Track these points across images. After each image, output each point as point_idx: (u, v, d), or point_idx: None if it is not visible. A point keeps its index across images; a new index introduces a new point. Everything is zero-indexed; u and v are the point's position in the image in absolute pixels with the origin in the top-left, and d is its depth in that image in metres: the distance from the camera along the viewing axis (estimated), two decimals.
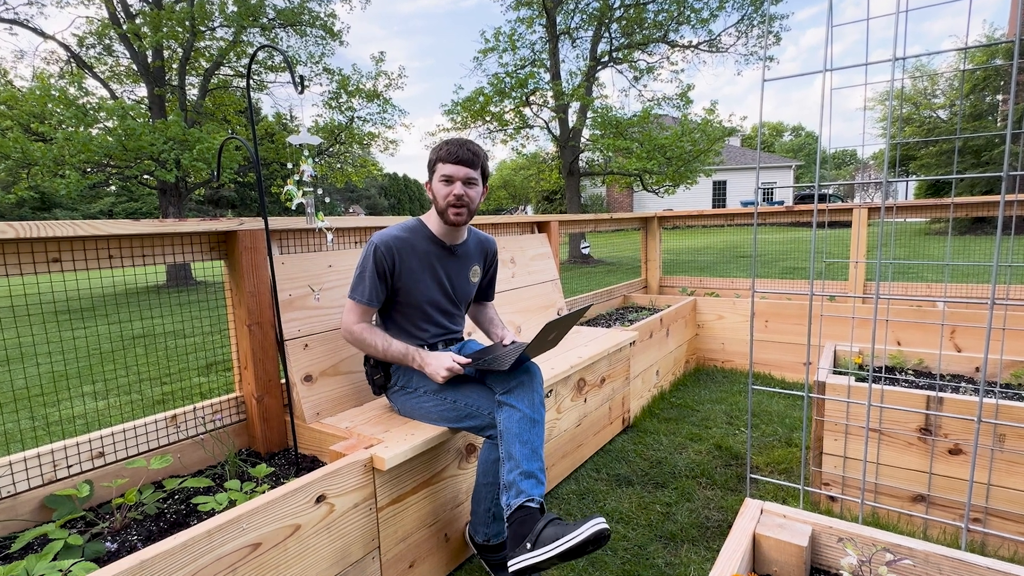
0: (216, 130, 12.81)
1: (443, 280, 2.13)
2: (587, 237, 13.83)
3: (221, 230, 2.02)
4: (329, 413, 2.19)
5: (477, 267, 2.29)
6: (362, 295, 2.02)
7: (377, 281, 2.01)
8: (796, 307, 4.23)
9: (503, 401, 1.87)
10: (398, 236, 2.04)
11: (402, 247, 2.03)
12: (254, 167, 1.83)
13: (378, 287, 2.01)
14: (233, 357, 2.19)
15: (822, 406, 2.39)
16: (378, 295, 2.02)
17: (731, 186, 31.89)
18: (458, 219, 2.03)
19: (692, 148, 14.11)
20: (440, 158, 2.00)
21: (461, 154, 1.99)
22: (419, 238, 2.08)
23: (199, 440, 2.05)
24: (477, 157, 2.02)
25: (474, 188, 2.05)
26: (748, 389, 2.55)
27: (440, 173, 2.01)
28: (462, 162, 2.00)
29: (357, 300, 2.02)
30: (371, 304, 2.02)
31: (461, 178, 2.00)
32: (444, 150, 2.00)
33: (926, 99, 22.63)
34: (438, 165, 2.02)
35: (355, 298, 2.03)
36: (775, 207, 4.72)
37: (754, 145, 42.27)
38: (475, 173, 2.03)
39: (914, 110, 22.45)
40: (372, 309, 2.04)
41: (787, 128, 71.31)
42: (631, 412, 3.47)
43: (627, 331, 3.43)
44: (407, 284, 2.05)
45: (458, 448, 2.12)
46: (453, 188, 2.00)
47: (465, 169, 2.01)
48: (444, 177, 2.01)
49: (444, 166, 2.00)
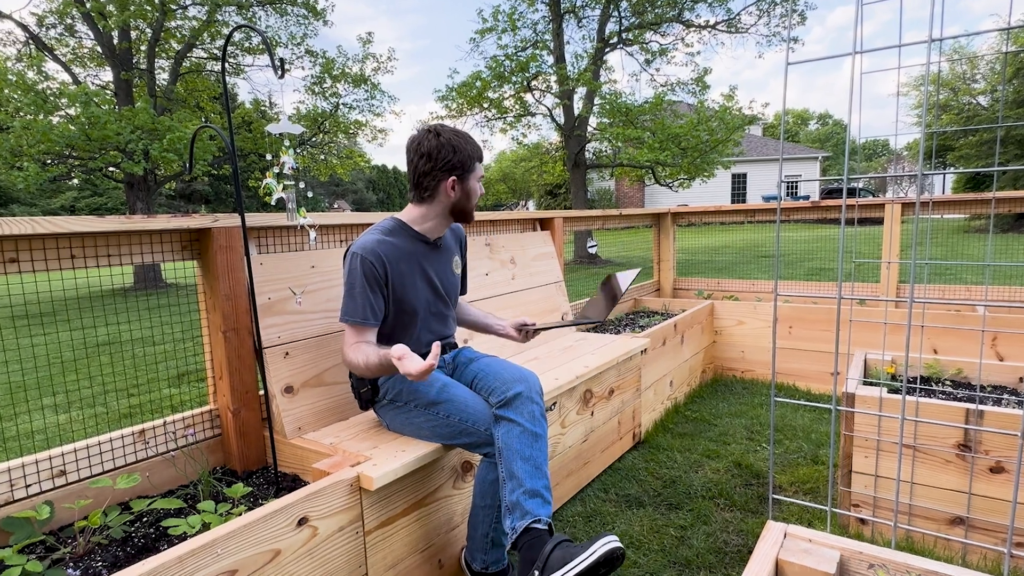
0: (188, 118, 12.84)
1: (432, 278, 2.14)
2: (594, 235, 13.84)
3: (194, 227, 2.02)
4: (312, 428, 2.19)
5: (457, 257, 2.30)
6: (354, 313, 1.95)
7: (370, 294, 1.96)
8: (823, 312, 4.24)
9: (500, 415, 1.87)
10: (383, 240, 2.00)
11: (388, 252, 2.00)
12: (230, 159, 1.84)
13: (373, 301, 1.96)
14: (207, 366, 2.19)
15: (851, 420, 2.39)
16: (375, 310, 1.97)
17: (752, 179, 31.92)
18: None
19: (709, 138, 14.14)
20: (476, 156, 2.08)
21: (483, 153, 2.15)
22: (403, 239, 2.07)
23: (170, 457, 2.05)
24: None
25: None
26: (770, 401, 2.56)
27: (479, 174, 2.10)
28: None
29: (351, 321, 1.95)
30: (367, 322, 1.95)
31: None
32: (477, 148, 2.08)
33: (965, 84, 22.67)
34: (476, 164, 2.08)
35: (348, 320, 1.96)
36: (800, 202, 4.73)
37: (777, 135, 42.30)
38: None
39: (952, 96, 22.49)
40: (371, 328, 1.98)
41: (813, 116, 71.42)
42: (642, 427, 3.47)
43: (638, 338, 3.44)
44: (400, 291, 2.05)
45: (453, 466, 2.12)
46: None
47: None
48: (481, 179, 2.12)
49: (479, 166, 2.10)
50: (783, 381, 4.41)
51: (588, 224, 4.52)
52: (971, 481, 2.21)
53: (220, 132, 1.84)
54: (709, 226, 5.11)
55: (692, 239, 8.44)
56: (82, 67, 15.01)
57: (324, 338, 2.30)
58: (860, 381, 2.57)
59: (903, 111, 27.07)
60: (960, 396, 2.54)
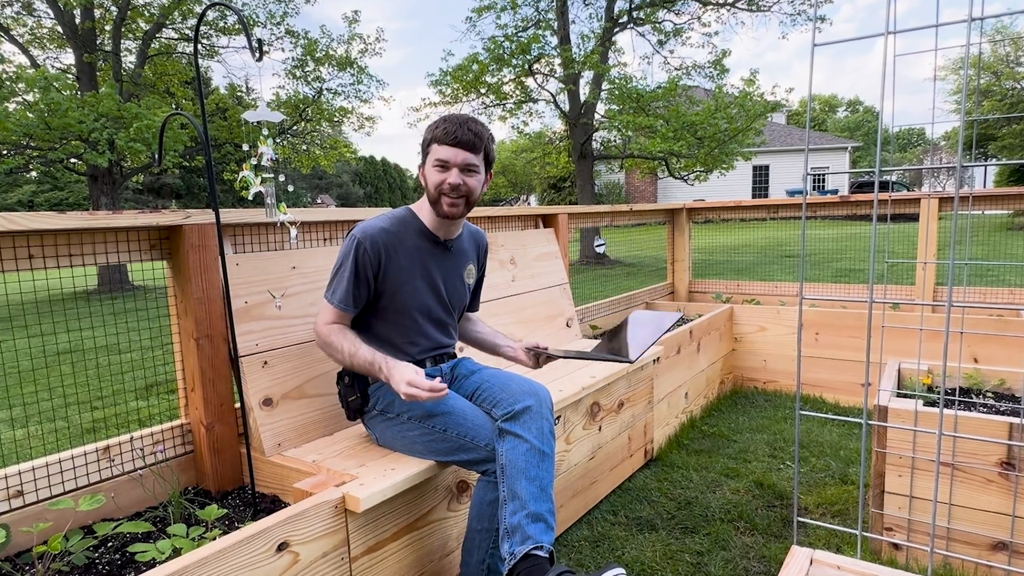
0: (157, 105, 12.85)
1: (436, 282, 2.14)
2: (602, 233, 13.86)
3: (163, 225, 2.02)
4: (293, 444, 2.19)
5: (472, 266, 2.30)
6: (334, 296, 2.03)
7: (354, 282, 2.00)
8: (852, 317, 4.24)
9: (506, 429, 1.87)
10: (385, 229, 2.04)
11: (389, 242, 2.03)
12: (203, 149, 1.84)
13: (354, 290, 2.01)
14: (178, 377, 2.19)
15: (883, 435, 2.39)
16: (353, 299, 2.02)
17: (775, 172, 31.95)
18: (452, 211, 2.04)
19: (728, 126, 14.15)
20: (435, 138, 2.01)
21: (460, 135, 1.99)
22: (409, 232, 2.09)
23: (137, 476, 2.05)
24: (480, 139, 2.02)
25: (474, 176, 2.04)
26: (795, 415, 2.56)
27: (434, 156, 2.01)
28: (461, 144, 1.99)
29: (328, 299, 2.04)
30: (343, 309, 2.02)
31: (459, 164, 2.00)
32: (440, 129, 2.00)
33: (1008, 67, 22.69)
34: (432, 147, 2.02)
35: (328, 298, 2.04)
36: (827, 197, 4.73)
37: (802, 123, 42.28)
38: (476, 158, 2.03)
39: (994, 81, 22.51)
40: (347, 315, 2.05)
41: (842, 103, 71.52)
42: (655, 443, 3.47)
43: None
44: (394, 287, 2.05)
45: (448, 486, 2.12)
46: (448, 176, 2.00)
47: (464, 153, 2.00)
48: (439, 162, 2.00)
49: (439, 148, 2.00)
50: (809, 393, 4.41)
51: (595, 221, 4.53)
52: (1015, 502, 2.21)
53: (192, 120, 1.84)
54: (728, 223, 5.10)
55: (709, 237, 8.44)
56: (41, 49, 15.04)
57: (306, 346, 2.30)
58: (893, 393, 2.58)
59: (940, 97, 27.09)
60: (1003, 409, 2.55)
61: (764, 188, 32.15)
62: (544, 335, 3.44)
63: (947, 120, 2.35)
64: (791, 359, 4.51)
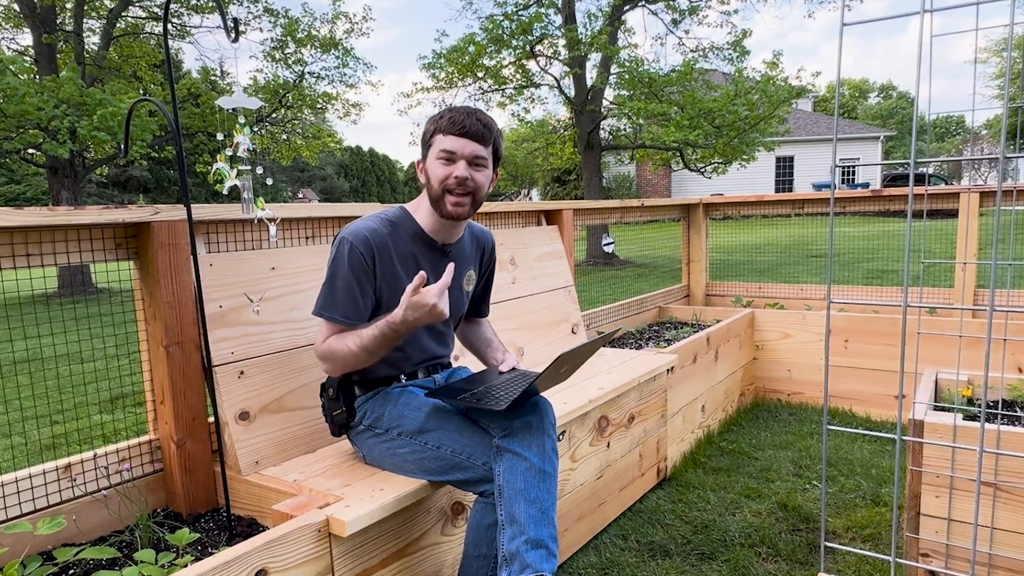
0: (123, 90, 12.85)
1: None
2: (611, 231, 13.85)
3: (130, 221, 2.02)
4: (272, 461, 2.19)
5: (472, 272, 2.29)
6: (333, 308, 1.97)
7: (357, 290, 1.98)
8: (885, 322, 4.24)
9: (503, 447, 1.86)
10: (376, 230, 2.02)
11: (380, 245, 2.01)
12: (173, 139, 1.84)
13: (359, 298, 1.98)
14: (146, 388, 2.19)
15: (919, 453, 2.39)
16: (361, 308, 1.99)
17: (800, 164, 31.97)
18: (458, 211, 2.02)
19: (749, 114, 14.17)
20: (440, 128, 2.00)
21: (469, 124, 1.98)
22: (402, 234, 2.08)
23: (101, 497, 2.05)
24: (489, 131, 2.02)
25: (482, 171, 2.03)
26: (822, 430, 2.56)
27: (439, 148, 2.00)
28: (469, 134, 1.98)
29: (328, 317, 1.98)
30: (348, 321, 1.98)
31: (467, 156, 1.99)
32: (446, 119, 2.00)
33: None
34: (436, 138, 2.01)
35: (324, 314, 1.99)
36: (858, 191, 4.74)
37: (830, 110, 42.41)
38: (485, 151, 2.02)
39: None
40: (351, 328, 2.00)
41: (873, 88, 71.60)
42: (668, 460, 3.47)
43: (663, 354, 3.44)
44: (387, 296, 2.05)
45: (442, 508, 2.12)
46: (454, 168, 1.98)
47: (472, 144, 1.99)
48: (444, 153, 1.99)
49: (444, 139, 1.99)
50: (837, 406, 4.41)
51: (603, 217, 4.53)
52: None
53: (161, 107, 1.85)
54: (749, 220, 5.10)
55: (728, 235, 8.44)
56: None
57: (287, 354, 2.30)
58: (930, 406, 2.58)
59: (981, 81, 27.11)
60: None
61: (788, 181, 32.17)
62: (548, 340, 3.44)
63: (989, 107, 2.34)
64: (818, 369, 4.51)
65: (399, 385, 2.15)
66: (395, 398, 2.09)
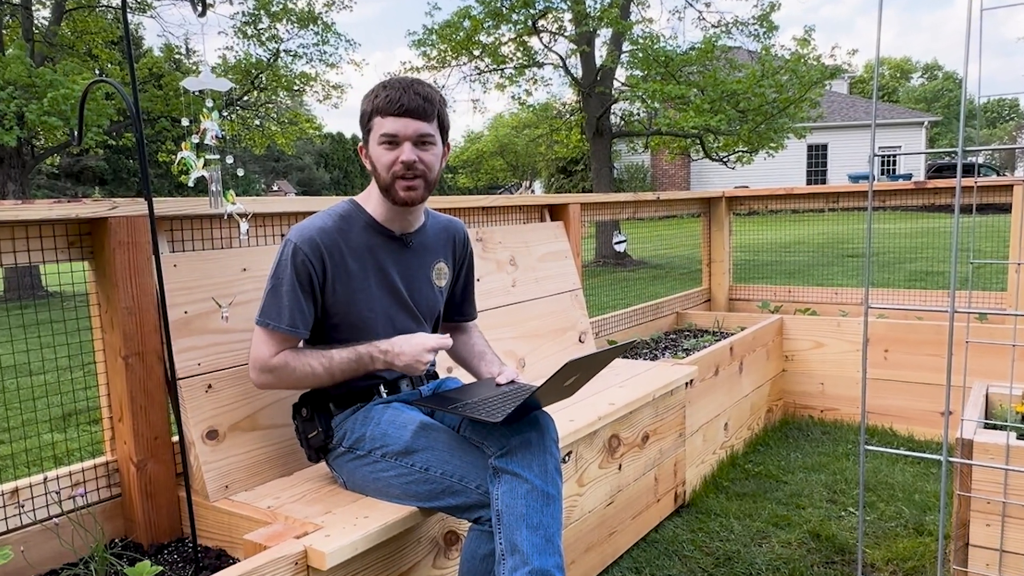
0: (77, 70, 12.87)
1: (396, 284, 2.14)
2: (622, 227, 13.86)
3: (84, 217, 2.02)
4: (243, 486, 2.19)
5: (442, 263, 2.30)
6: (279, 318, 1.99)
7: (301, 296, 2.00)
8: (930, 330, 4.24)
9: (501, 467, 1.86)
10: (324, 228, 2.03)
11: (331, 244, 2.03)
12: (133, 124, 1.85)
13: (304, 305, 2.00)
14: (102, 404, 2.19)
15: (968, 476, 2.39)
16: (305, 317, 2.02)
17: (834, 152, 32.00)
18: (411, 195, 2.04)
19: (777, 96, 14.17)
20: (377, 109, 2.00)
21: (407, 101, 1.98)
22: (354, 228, 2.09)
23: (52, 526, 2.05)
24: (431, 104, 2.02)
25: (430, 149, 2.04)
26: (859, 450, 2.56)
27: (378, 133, 2.01)
28: (409, 113, 1.99)
29: (273, 327, 2.00)
30: (295, 331, 2.01)
31: (410, 136, 2.00)
32: (381, 97, 1.99)
33: None
34: (375, 120, 2.02)
35: (269, 324, 2.00)
36: (899, 183, 4.74)
37: (868, 93, 42.46)
38: (430, 127, 2.03)
39: None
40: (296, 339, 2.05)
41: (916, 67, 71.67)
42: (687, 484, 3.47)
43: (681, 365, 3.44)
44: (346, 297, 2.05)
45: (433, 538, 2.12)
46: (399, 152, 1.99)
47: (415, 123, 1.99)
48: (385, 138, 2.00)
49: (383, 121, 2.00)
50: (876, 423, 4.41)
51: (614, 212, 4.53)
52: None
53: (120, 89, 1.85)
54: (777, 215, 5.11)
55: (754, 232, 8.46)
56: None
57: (249, 376, 2.30)
58: (980, 423, 2.58)
59: None
60: None
61: (821, 172, 32.18)
62: (552, 350, 3.44)
63: None
64: (854, 382, 4.51)
65: (381, 400, 2.15)
66: (377, 415, 2.08)
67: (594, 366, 1.98)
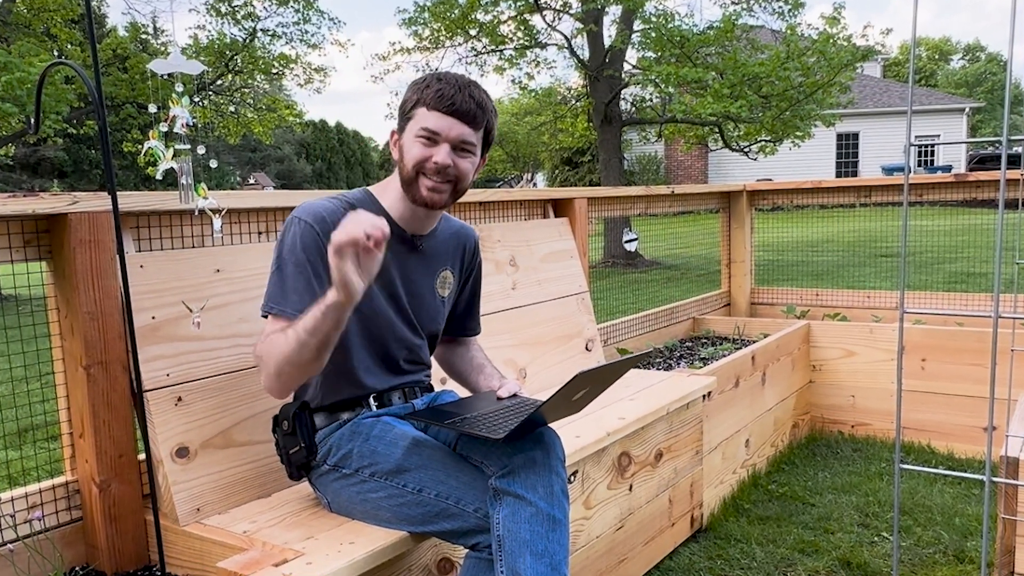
0: (34, 51, 12.87)
1: (397, 290, 2.14)
2: (633, 224, 13.87)
3: (42, 213, 2.03)
4: (216, 508, 2.19)
5: (448, 272, 2.29)
6: (285, 301, 1.94)
7: (313, 276, 1.96)
8: (971, 337, 4.24)
9: (503, 489, 1.86)
10: (333, 210, 2.01)
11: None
12: (95, 111, 1.85)
13: (314, 285, 1.95)
14: (61, 418, 2.19)
15: (1013, 497, 2.39)
16: (318, 298, 1.88)
17: (866, 142, 32.02)
18: (433, 198, 2.02)
19: (803, 80, 14.19)
20: (424, 100, 2.00)
21: (459, 101, 1.98)
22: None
23: (7, 552, 2.05)
24: (483, 111, 2.02)
25: (467, 158, 2.04)
26: (894, 469, 2.56)
27: (419, 124, 2.00)
28: (458, 114, 1.98)
29: (278, 311, 1.94)
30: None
31: (452, 138, 1.99)
32: (433, 89, 1.99)
33: None
34: (418, 111, 2.01)
35: (274, 309, 1.96)
36: (937, 176, 4.74)
37: (904, 76, 42.47)
38: (474, 136, 2.03)
39: None
40: None
41: (956, 49, 71.70)
42: (705, 507, 3.47)
43: (698, 376, 3.44)
44: None
45: (425, 566, 2.12)
46: (435, 152, 1.99)
47: (461, 127, 1.99)
48: (425, 133, 1.99)
49: (428, 115, 1.99)
50: (913, 440, 4.41)
51: (625, 207, 4.54)
52: None
53: (80, 72, 1.85)
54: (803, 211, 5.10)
55: (778, 229, 8.45)
56: None
57: (235, 376, 2.30)
58: None
59: None
60: None
61: (852, 164, 32.21)
62: (556, 362, 3.44)
63: None
64: (888, 394, 4.51)
65: (371, 414, 2.15)
66: (366, 430, 2.08)
67: (606, 378, 1.98)
